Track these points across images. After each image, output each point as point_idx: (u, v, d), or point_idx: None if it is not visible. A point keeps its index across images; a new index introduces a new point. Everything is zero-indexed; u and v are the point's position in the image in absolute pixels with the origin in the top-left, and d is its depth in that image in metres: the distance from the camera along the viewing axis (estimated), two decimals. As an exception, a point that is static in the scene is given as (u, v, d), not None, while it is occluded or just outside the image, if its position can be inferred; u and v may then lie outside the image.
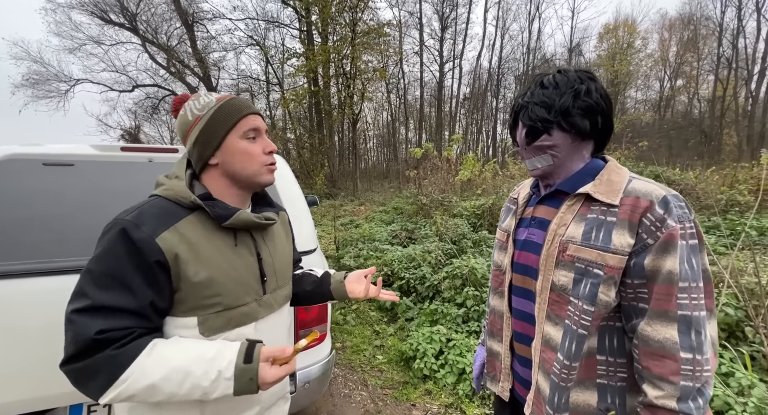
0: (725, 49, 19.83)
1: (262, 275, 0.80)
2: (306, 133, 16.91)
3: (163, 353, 0.63)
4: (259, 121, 0.79)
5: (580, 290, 0.70)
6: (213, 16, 16.48)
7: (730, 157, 15.03)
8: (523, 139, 0.80)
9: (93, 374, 0.60)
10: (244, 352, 0.67)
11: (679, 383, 0.63)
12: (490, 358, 0.98)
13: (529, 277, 0.82)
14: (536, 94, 0.76)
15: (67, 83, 15.93)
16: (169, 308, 0.69)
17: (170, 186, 0.74)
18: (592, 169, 0.78)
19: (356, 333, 3.19)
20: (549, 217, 0.80)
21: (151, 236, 0.65)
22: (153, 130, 19.52)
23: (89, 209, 1.33)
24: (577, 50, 24.72)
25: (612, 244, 0.67)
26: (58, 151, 1.43)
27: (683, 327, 0.63)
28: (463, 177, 6.36)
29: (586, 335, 0.70)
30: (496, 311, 0.95)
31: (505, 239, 0.92)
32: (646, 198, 0.67)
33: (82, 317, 0.61)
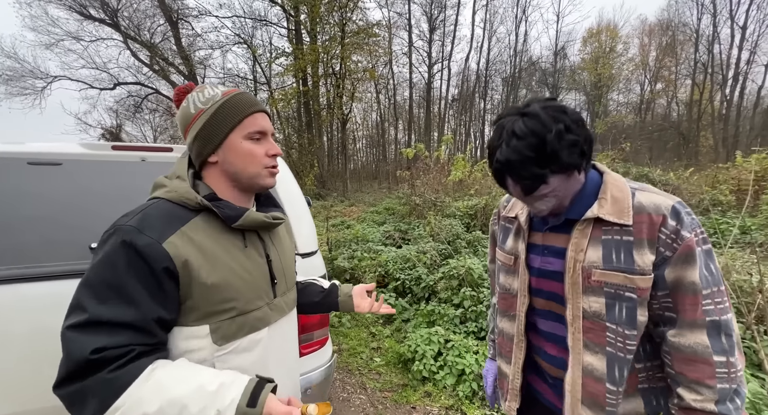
0: (701, 54, 20.65)
1: (272, 278, 0.77)
2: (295, 134, 16.72)
3: (161, 380, 0.57)
4: (265, 122, 0.75)
5: (615, 315, 0.70)
6: (198, 14, 16.11)
7: (707, 158, 15.65)
8: (520, 193, 0.74)
9: (86, 398, 0.54)
10: (249, 393, 0.60)
11: (716, 386, 0.64)
12: (500, 378, 0.98)
13: (555, 302, 0.81)
14: (514, 147, 0.68)
15: (43, 80, 15.28)
16: (176, 319, 0.64)
17: (173, 187, 0.69)
18: (591, 187, 0.76)
19: (352, 335, 3.15)
20: (562, 244, 0.78)
21: (158, 242, 0.60)
22: (135, 130, 18.97)
23: (79, 210, 1.26)
24: (562, 53, 25.30)
25: (636, 265, 0.68)
26: (45, 149, 1.35)
27: (713, 332, 0.65)
28: (454, 178, 6.39)
29: (631, 359, 0.70)
30: (505, 333, 0.93)
31: (513, 263, 0.89)
32: (658, 213, 0.68)
33: (77, 334, 0.55)
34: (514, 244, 0.89)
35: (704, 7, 20.01)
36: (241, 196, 0.76)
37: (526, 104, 0.73)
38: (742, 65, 19.05)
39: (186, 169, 0.73)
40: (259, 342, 0.72)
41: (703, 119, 20.55)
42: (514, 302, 0.89)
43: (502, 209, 1.00)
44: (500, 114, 0.77)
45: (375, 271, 3.87)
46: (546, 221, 0.83)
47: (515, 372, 0.89)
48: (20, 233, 1.17)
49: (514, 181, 0.73)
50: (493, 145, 0.74)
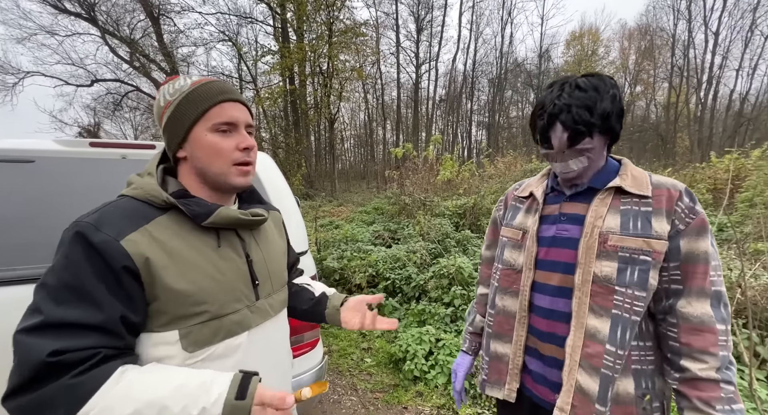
0: (678, 58, 21.44)
1: (253, 279, 0.72)
2: (282, 133, 16.50)
3: (134, 382, 0.52)
4: (235, 111, 0.68)
5: (626, 278, 0.73)
6: (181, 9, 15.70)
7: (684, 158, 16.25)
8: (564, 142, 0.77)
9: (45, 408, 0.48)
10: (237, 386, 0.55)
11: (719, 353, 0.68)
12: (493, 362, 0.95)
13: (558, 273, 0.83)
14: (576, 96, 0.74)
15: (15, 76, 14.56)
16: (144, 322, 0.60)
17: (139, 184, 0.65)
18: (612, 166, 0.84)
19: (342, 336, 3.12)
20: (581, 212, 0.82)
21: (115, 239, 0.56)
22: (115, 128, 18.35)
23: (54, 210, 1.19)
24: (546, 56, 25.81)
25: (654, 231, 0.73)
26: (16, 146, 1.27)
27: (715, 302, 0.70)
28: (443, 177, 6.43)
29: (638, 321, 0.72)
30: (506, 311, 0.92)
31: (521, 238, 0.91)
32: (674, 189, 0.75)
33: (31, 338, 0.50)
34: (524, 219, 0.92)
35: (680, 12, 20.81)
36: (215, 195, 0.71)
37: (586, 73, 0.80)
38: (715, 69, 19.88)
39: (155, 165, 0.69)
40: (237, 348, 0.67)
41: (680, 121, 21.38)
42: (517, 278, 0.90)
43: (513, 191, 1.03)
44: (553, 80, 0.83)
45: (365, 271, 3.85)
46: (563, 194, 0.87)
47: (516, 351, 0.89)
48: (-11, 235, 1.10)
49: (564, 128, 0.76)
50: (549, 97, 0.78)
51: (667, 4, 21.34)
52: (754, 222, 3.38)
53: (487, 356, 0.97)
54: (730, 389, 0.68)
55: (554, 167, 0.84)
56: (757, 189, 3.97)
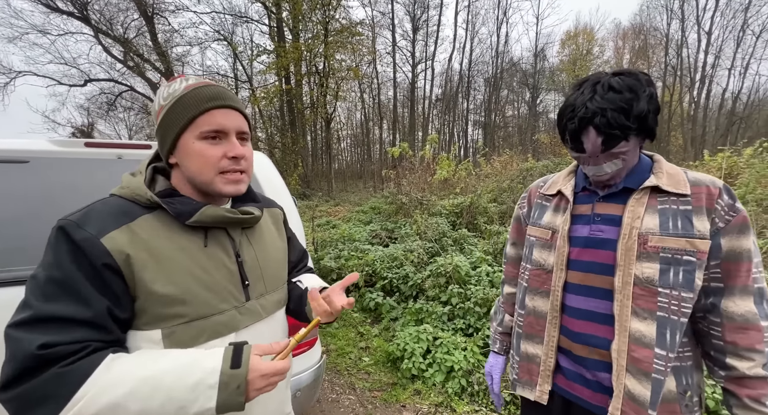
0: (671, 58, 21.63)
1: (243, 279, 0.71)
2: (278, 133, 16.43)
3: (126, 365, 0.54)
4: (225, 119, 0.65)
5: (670, 280, 0.71)
6: (176, 8, 15.58)
7: (678, 157, 16.42)
8: (599, 146, 0.74)
9: (37, 400, 0.49)
10: (230, 356, 0.57)
11: (765, 350, 0.68)
12: (523, 363, 0.94)
13: (595, 274, 0.81)
14: (609, 98, 0.71)
15: (6, 75, 14.39)
16: (132, 318, 0.60)
17: (127, 183, 0.66)
18: (645, 164, 0.81)
19: (340, 336, 3.12)
20: (617, 212, 0.81)
21: (96, 236, 0.56)
22: (109, 129, 18.20)
23: (49, 211, 1.18)
24: (542, 55, 25.91)
25: (696, 230, 0.71)
26: (9, 146, 1.26)
27: (758, 299, 0.70)
28: (440, 177, 6.44)
29: (686, 322, 0.72)
30: (537, 311, 0.91)
31: (550, 237, 0.89)
32: (714, 186, 0.73)
33: (22, 332, 0.51)
34: (553, 218, 0.90)
35: (673, 12, 20.98)
36: (206, 199, 0.70)
37: (619, 70, 0.76)
38: (708, 69, 20.10)
39: (146, 164, 0.69)
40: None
41: (673, 120, 21.57)
42: (548, 278, 0.88)
43: (537, 189, 1.00)
44: (582, 78, 0.79)
45: (362, 270, 3.85)
46: (595, 194, 0.85)
47: (548, 351, 0.87)
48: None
49: (597, 132, 0.73)
50: (579, 99, 0.74)
51: (660, 4, 21.52)
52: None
53: (518, 356, 0.96)
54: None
55: (586, 170, 0.82)
56: (749, 186, 4.01)
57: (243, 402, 0.56)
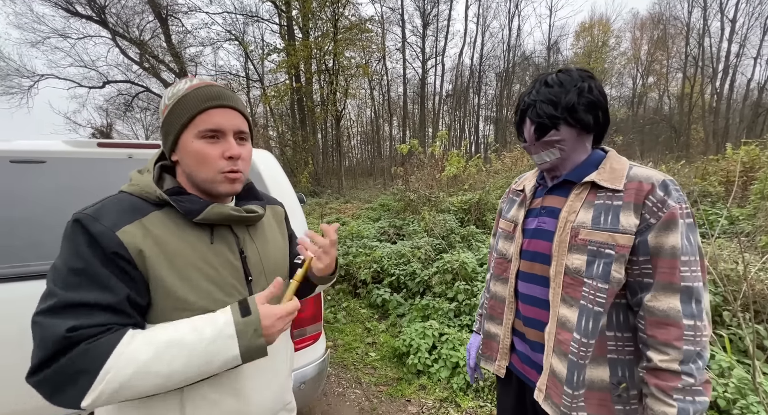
0: (692, 47, 20.81)
1: (246, 275, 0.74)
2: (289, 131, 16.60)
3: (147, 335, 0.58)
4: (222, 118, 0.67)
5: (593, 271, 0.75)
6: (189, 10, 15.88)
7: (698, 150, 15.82)
8: (532, 135, 0.83)
9: (69, 374, 0.52)
10: (238, 308, 0.63)
11: (682, 347, 0.69)
12: (486, 340, 1.05)
13: (538, 263, 0.87)
14: (542, 92, 0.80)
15: (30, 79, 14.96)
16: (149, 305, 0.63)
17: (136, 181, 0.68)
18: (594, 159, 0.85)
19: (347, 331, 3.16)
20: (559, 205, 0.85)
21: (111, 230, 0.59)
22: (127, 129, 18.72)
23: (64, 209, 1.24)
24: (555, 48, 25.34)
25: (620, 225, 0.74)
26: (28, 147, 1.33)
27: (685, 297, 0.70)
28: (449, 173, 6.40)
29: (601, 312, 0.75)
30: (497, 296, 1.01)
31: (512, 229, 0.97)
32: (647, 181, 0.74)
33: (49, 318, 0.54)
34: (516, 212, 0.98)
35: (695, 0, 20.14)
36: (207, 196, 0.72)
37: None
38: (732, 58, 19.26)
39: (153, 162, 0.72)
40: None
41: (694, 112, 20.78)
42: (508, 267, 0.96)
43: (513, 184, 1.09)
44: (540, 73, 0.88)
45: (370, 267, 3.88)
46: (546, 187, 0.91)
47: (505, 332, 0.97)
48: (5, 233, 1.15)
49: (531, 122, 0.82)
50: (523, 93, 0.86)
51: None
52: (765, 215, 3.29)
53: (482, 334, 1.07)
54: (691, 382, 0.68)
55: (532, 159, 0.90)
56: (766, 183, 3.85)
57: (264, 345, 0.62)
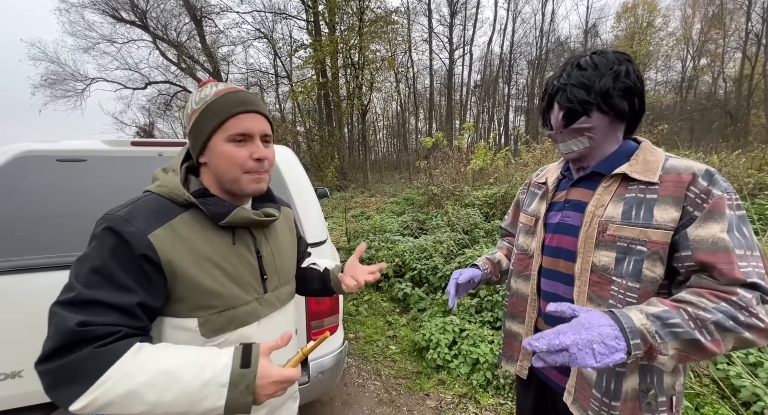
0: (754, 23, 18.68)
1: (262, 273, 0.77)
2: (316, 126, 16.89)
3: (149, 355, 0.58)
4: (251, 123, 0.71)
5: (623, 269, 0.70)
6: (221, 10, 16.49)
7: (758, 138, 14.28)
8: (560, 121, 0.78)
9: (70, 373, 0.54)
10: (240, 355, 0.61)
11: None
12: (507, 339, 1.01)
13: (562, 259, 0.83)
14: (574, 75, 0.74)
15: (82, 82, 16.28)
16: (163, 307, 0.66)
17: (164, 182, 0.71)
18: (626, 150, 0.78)
19: (369, 324, 3.21)
20: (585, 199, 0.80)
21: (143, 232, 0.62)
22: (166, 127, 19.86)
23: (102, 203, 1.35)
24: (593, 31, 23.74)
25: (654, 220, 0.68)
26: (71, 147, 1.45)
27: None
28: (475, 166, 6.24)
29: None
30: (519, 293, 0.96)
31: (533, 224, 0.93)
32: (687, 172, 0.68)
33: (64, 310, 0.57)
34: (538, 205, 0.93)
35: (759, -30, 18.03)
36: (231, 196, 0.76)
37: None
38: (802, 34, 17.09)
39: (180, 163, 0.75)
40: (249, 336, 0.73)
41: (755, 96, 18.74)
42: (529, 263, 0.92)
43: (534, 177, 1.04)
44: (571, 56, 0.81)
45: (392, 261, 3.90)
46: (571, 180, 0.86)
47: (527, 331, 0.93)
48: (52, 225, 1.27)
49: (559, 107, 0.76)
50: (552, 77, 0.79)
51: (742, -38, 18.60)
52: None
53: (503, 333, 1.03)
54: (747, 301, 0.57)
55: (558, 149, 0.84)
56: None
57: (250, 403, 0.59)
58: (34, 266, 1.18)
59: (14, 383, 1.12)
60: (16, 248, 1.19)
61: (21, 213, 1.25)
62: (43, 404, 1.19)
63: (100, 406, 0.54)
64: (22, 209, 1.26)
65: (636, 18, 22.99)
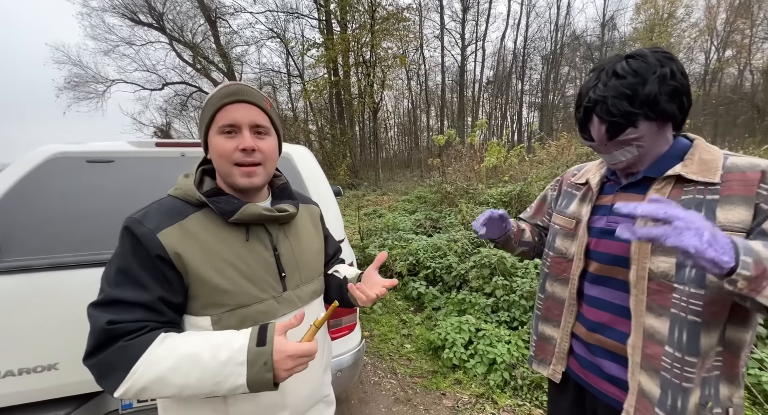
0: (785, 12, 17.77)
1: (280, 271, 0.76)
2: (327, 124, 16.98)
3: (172, 343, 0.62)
4: (237, 113, 0.69)
5: (685, 275, 0.66)
6: (235, 11, 16.72)
7: (789, 134, 13.61)
8: (603, 135, 0.73)
9: (108, 367, 0.60)
10: (256, 335, 0.64)
11: None
12: (540, 342, 0.99)
13: (611, 265, 0.79)
14: (612, 85, 0.69)
15: (103, 84, 16.85)
16: (185, 303, 0.69)
17: (180, 185, 0.74)
18: (678, 150, 0.74)
19: (383, 322, 3.22)
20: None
21: (153, 232, 0.65)
22: (183, 127, 20.34)
23: (129, 203, 1.38)
24: (611, 24, 23.05)
25: (717, 221, 0.64)
26: (100, 148, 1.50)
27: None
28: (488, 164, 6.16)
29: (698, 322, 0.64)
30: (554, 297, 0.94)
31: (574, 227, 0.89)
32: (754, 170, 0.64)
33: (96, 310, 0.62)
34: (578, 208, 0.90)
35: (790, -45, 17.12)
36: (239, 193, 0.75)
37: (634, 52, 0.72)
38: (838, 22, 16.17)
39: (196, 167, 0.78)
40: None
41: (785, 89, 17.86)
42: (568, 267, 0.89)
43: (570, 176, 0.99)
44: (600, 61, 0.76)
45: (406, 259, 3.90)
46: (619, 184, 0.82)
47: (563, 336, 0.91)
48: (83, 224, 1.32)
49: (600, 121, 0.71)
50: (587, 86, 0.73)
51: (772, -53, 17.68)
52: None
53: (536, 336, 1.00)
54: None
55: (602, 158, 0.80)
56: None
57: (272, 380, 0.61)
58: (67, 263, 1.22)
59: (50, 375, 1.17)
60: (51, 246, 1.24)
61: (55, 212, 1.30)
62: (77, 396, 1.24)
63: (137, 391, 0.60)
64: (56, 208, 1.31)
65: (656, 9, 22.19)
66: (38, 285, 1.17)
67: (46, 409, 1.19)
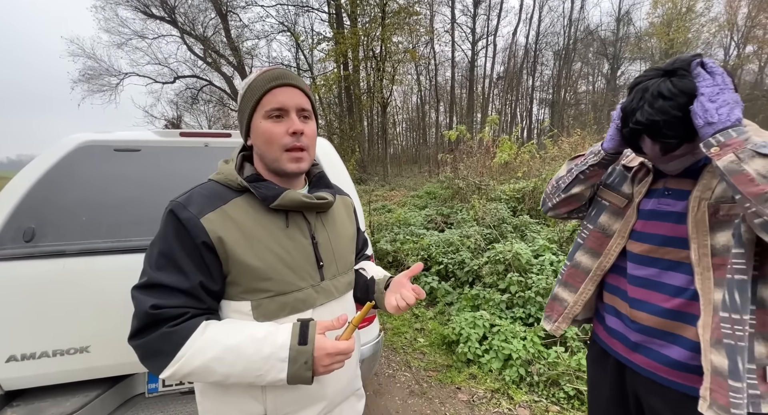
0: (810, 7, 17.14)
1: (318, 260, 0.76)
2: (336, 119, 16.95)
3: (215, 333, 0.63)
4: (285, 97, 0.69)
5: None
6: (245, 4, 16.69)
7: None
8: (658, 152, 0.74)
9: (152, 350, 0.61)
10: (298, 333, 0.64)
11: None
12: (552, 302, 1.06)
13: (668, 247, 0.80)
14: (660, 107, 0.68)
15: (117, 77, 17.02)
16: (222, 290, 0.69)
17: (221, 170, 0.74)
18: None
19: (396, 316, 3.23)
20: (687, 187, 0.79)
21: (197, 216, 0.65)
22: (193, 120, 20.50)
23: (155, 190, 1.40)
24: (626, 19, 22.51)
25: None
26: (127, 137, 1.52)
27: None
28: (500, 160, 6.10)
29: (745, 280, 0.66)
30: (581, 266, 0.98)
31: (624, 206, 0.91)
32: None
33: (140, 293, 0.63)
34: (631, 188, 0.91)
35: (818, -53, 16.45)
36: (280, 179, 0.75)
37: (671, 63, 0.72)
38: None
39: (237, 153, 0.77)
40: None
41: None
42: (605, 242, 0.92)
43: (623, 157, 0.98)
44: (638, 77, 0.76)
45: (418, 254, 3.89)
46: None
47: (578, 301, 0.98)
48: (113, 211, 1.33)
49: (653, 141, 0.72)
50: (632, 108, 0.73)
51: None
52: None
53: (551, 296, 1.08)
54: None
55: (659, 167, 0.83)
56: None
57: (311, 376, 0.63)
58: (98, 249, 1.24)
59: (82, 358, 1.19)
60: (83, 232, 1.26)
61: (84, 199, 1.32)
62: (107, 379, 1.26)
63: (183, 375, 0.61)
64: (86, 195, 1.33)
65: (674, 3, 21.56)
66: (72, 270, 1.20)
67: (78, 390, 1.22)
